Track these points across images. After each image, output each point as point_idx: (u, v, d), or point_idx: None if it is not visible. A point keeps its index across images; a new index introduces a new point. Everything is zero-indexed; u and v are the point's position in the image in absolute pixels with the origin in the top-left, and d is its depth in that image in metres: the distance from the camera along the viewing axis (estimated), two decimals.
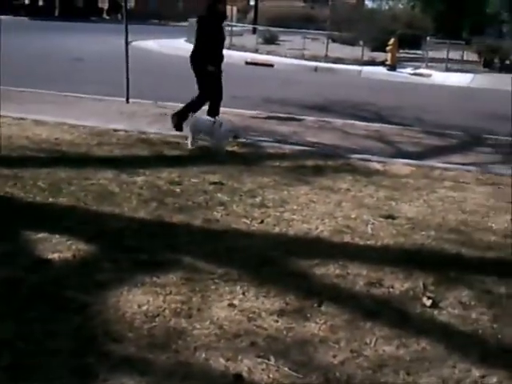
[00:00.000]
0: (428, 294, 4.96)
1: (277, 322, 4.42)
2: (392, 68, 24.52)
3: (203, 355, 3.96)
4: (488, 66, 26.51)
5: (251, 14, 39.45)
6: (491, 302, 4.94)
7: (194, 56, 10.58)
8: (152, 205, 6.66)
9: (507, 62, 26.77)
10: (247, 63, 24.88)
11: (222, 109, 10.79)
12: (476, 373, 3.97)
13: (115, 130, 10.15)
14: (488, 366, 4.04)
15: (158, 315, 4.40)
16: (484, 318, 4.68)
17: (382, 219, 6.69)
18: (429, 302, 4.84)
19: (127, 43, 13.25)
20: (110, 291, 4.71)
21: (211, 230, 6.09)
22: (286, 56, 26.72)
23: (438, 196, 7.71)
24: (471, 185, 8.37)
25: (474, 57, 27.44)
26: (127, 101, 13.06)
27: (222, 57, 10.74)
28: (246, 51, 27.58)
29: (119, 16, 52.44)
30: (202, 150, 9.36)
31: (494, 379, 3.92)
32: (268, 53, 27.37)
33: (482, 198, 7.76)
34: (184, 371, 3.80)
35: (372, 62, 25.83)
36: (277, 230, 6.21)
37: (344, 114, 13.58)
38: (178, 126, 10.45)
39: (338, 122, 12.63)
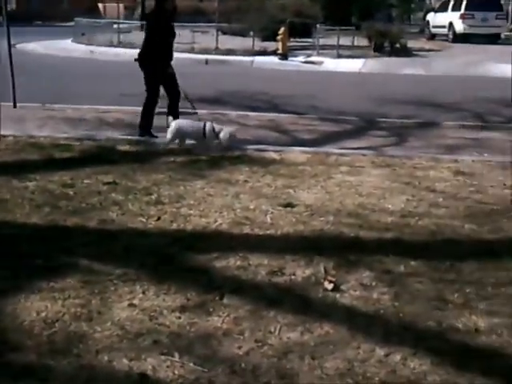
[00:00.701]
0: (329, 278, 4.99)
1: (179, 318, 4.38)
2: (284, 57, 24.63)
3: (106, 357, 3.91)
4: (378, 50, 26.87)
5: (139, 11, 38.89)
6: (391, 281, 5.00)
7: (144, 55, 10.21)
8: (45, 209, 6.49)
9: (397, 46, 27.23)
10: (136, 60, 24.54)
11: (112, 107, 10.64)
12: (380, 352, 4.01)
13: (3, 136, 9.82)
14: (392, 345, 4.09)
15: (58, 320, 4.32)
16: (385, 298, 4.74)
17: (280, 208, 6.69)
18: (330, 286, 4.87)
19: (10, 46, 12.87)
20: (6, 299, 4.58)
21: (107, 231, 5.99)
22: (175, 50, 26.45)
23: (335, 181, 7.76)
24: (367, 168, 8.46)
25: (364, 42, 27.78)
26: (14, 105, 12.68)
27: (171, 55, 10.39)
28: (135, 48, 27.17)
29: (0, 18, 50.95)
30: (94, 150, 9.19)
31: (398, 357, 3.96)
32: None
33: (377, 180, 7.85)
34: (87, 375, 3.74)
35: (263, 52, 25.87)
36: (174, 226, 6.14)
37: (238, 106, 13.57)
38: (149, 132, 10.10)
39: (232, 113, 12.60)
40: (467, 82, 19.57)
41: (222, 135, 9.00)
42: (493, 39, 32.52)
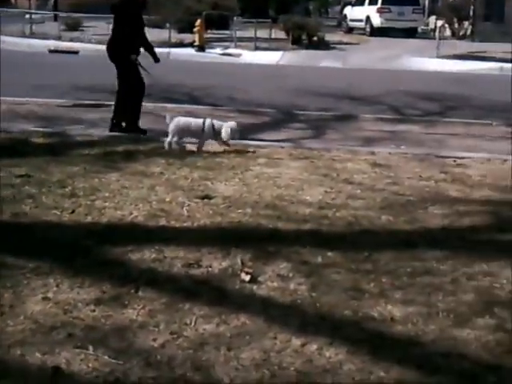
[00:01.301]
0: (246, 270, 4.97)
1: (93, 311, 4.31)
2: (201, 49, 24.58)
3: (18, 351, 3.81)
4: (296, 43, 27.07)
5: (52, 1, 38.13)
6: (309, 272, 5.01)
7: (113, 45, 9.94)
8: None
9: (315, 39, 27.46)
10: (51, 51, 24.20)
11: (27, 99, 10.41)
12: (297, 342, 4.01)
13: None
14: (308, 335, 4.08)
15: None
16: (302, 288, 4.74)
17: (197, 200, 6.65)
18: (247, 278, 4.85)
19: None
20: None
21: (20, 224, 5.86)
22: (90, 42, 26.14)
23: (253, 173, 7.75)
24: (285, 160, 8.48)
25: (281, 35, 27.94)
26: None
27: (140, 46, 10.10)
28: (48, 39, 26.80)
29: None
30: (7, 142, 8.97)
31: (315, 346, 3.96)
32: (71, 40, 26.70)
33: (295, 172, 7.87)
34: None
35: (180, 44, 25.76)
36: (89, 218, 6.05)
37: (155, 97, 13.39)
38: (132, 129, 9.95)
39: (149, 105, 12.44)
40: (384, 75, 19.84)
41: (223, 131, 8.82)
42: (410, 33, 33.19)
